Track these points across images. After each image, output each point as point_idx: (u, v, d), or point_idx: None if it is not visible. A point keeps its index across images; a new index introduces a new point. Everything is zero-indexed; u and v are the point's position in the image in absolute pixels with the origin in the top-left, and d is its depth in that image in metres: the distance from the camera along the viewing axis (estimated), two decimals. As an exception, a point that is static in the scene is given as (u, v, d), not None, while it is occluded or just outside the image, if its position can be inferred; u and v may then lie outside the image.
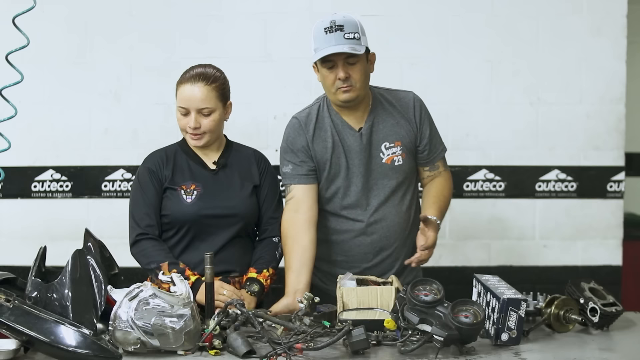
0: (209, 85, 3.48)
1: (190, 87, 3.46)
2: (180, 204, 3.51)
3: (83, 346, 2.62)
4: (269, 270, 3.51)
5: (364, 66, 3.45)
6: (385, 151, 3.58)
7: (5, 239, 4.97)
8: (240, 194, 3.58)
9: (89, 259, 2.87)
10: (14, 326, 2.62)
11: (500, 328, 2.87)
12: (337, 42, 3.36)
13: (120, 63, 5.06)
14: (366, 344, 2.75)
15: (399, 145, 3.58)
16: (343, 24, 3.38)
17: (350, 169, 3.58)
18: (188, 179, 3.55)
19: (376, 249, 3.61)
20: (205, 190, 3.53)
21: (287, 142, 3.63)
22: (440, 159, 3.72)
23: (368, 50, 3.48)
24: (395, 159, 3.58)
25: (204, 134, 3.50)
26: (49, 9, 4.91)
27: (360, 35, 3.40)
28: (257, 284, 3.44)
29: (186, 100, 3.47)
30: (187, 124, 3.48)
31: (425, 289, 2.84)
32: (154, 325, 2.71)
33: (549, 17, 5.04)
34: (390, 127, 3.59)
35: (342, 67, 3.39)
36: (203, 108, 3.47)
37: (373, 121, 3.57)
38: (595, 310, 3.07)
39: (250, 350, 2.73)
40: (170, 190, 3.54)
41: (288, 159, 3.61)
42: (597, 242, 5.14)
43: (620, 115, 5.07)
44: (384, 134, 3.58)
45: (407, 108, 3.62)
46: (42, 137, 5.09)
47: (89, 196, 5.11)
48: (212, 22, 5.04)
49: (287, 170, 3.60)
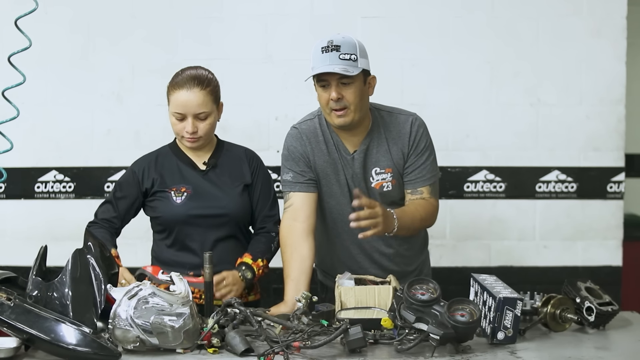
0: (204, 90, 3.49)
1: (187, 93, 3.46)
2: (170, 206, 3.55)
3: (83, 344, 2.63)
4: (263, 260, 3.54)
5: (359, 88, 3.39)
6: (375, 176, 3.57)
7: (9, 240, 5.00)
8: (230, 193, 3.60)
9: (89, 258, 2.88)
10: (14, 324, 2.63)
11: (497, 327, 2.88)
12: (331, 62, 3.31)
13: (122, 65, 5.09)
14: (363, 343, 2.76)
15: (390, 172, 3.56)
16: (340, 44, 3.32)
17: (342, 187, 3.59)
18: (178, 181, 3.59)
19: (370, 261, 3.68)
20: (195, 191, 3.57)
21: (288, 150, 3.62)
22: (426, 186, 3.59)
23: (368, 73, 3.44)
24: (384, 185, 3.57)
25: (200, 138, 3.53)
26: (52, 10, 4.96)
27: (357, 57, 3.33)
28: (251, 272, 3.47)
29: (182, 105, 3.47)
30: (184, 129, 3.50)
31: (422, 288, 2.85)
32: (153, 323, 2.72)
33: (549, 19, 5.06)
34: (384, 153, 3.56)
35: (335, 87, 3.35)
36: (200, 113, 3.49)
37: (368, 145, 3.55)
38: (592, 309, 3.08)
39: (248, 349, 2.74)
40: (161, 192, 3.58)
41: (289, 167, 3.60)
42: (597, 242, 5.16)
43: (620, 116, 5.09)
44: (376, 159, 3.56)
45: (404, 134, 3.56)
46: (45, 138, 5.13)
47: (92, 197, 5.14)
48: (213, 24, 5.07)
49: (288, 178, 3.60)
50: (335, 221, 3.66)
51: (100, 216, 3.66)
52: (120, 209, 3.63)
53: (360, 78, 3.38)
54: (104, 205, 3.69)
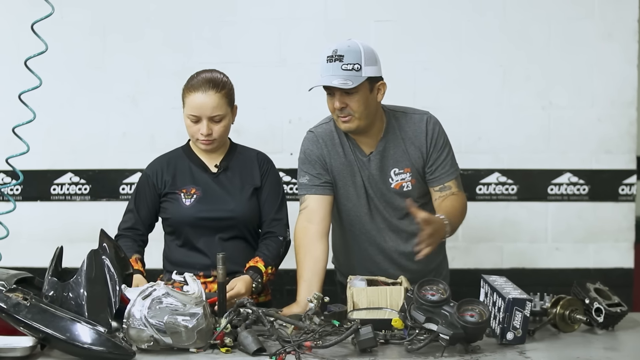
0: (220, 93, 3.53)
1: (202, 96, 3.50)
2: (179, 207, 3.60)
3: (98, 343, 2.67)
4: (272, 268, 3.57)
5: (364, 96, 3.42)
6: (394, 177, 3.61)
7: (25, 241, 5.02)
8: (239, 196, 3.64)
9: (104, 258, 2.91)
10: (30, 324, 2.68)
11: (506, 327, 2.91)
12: (332, 73, 3.36)
13: (138, 68, 5.13)
14: (373, 343, 2.79)
15: (409, 171, 3.60)
16: (344, 54, 3.36)
17: (358, 189, 3.63)
18: (189, 183, 3.63)
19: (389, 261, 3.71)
20: (205, 193, 3.61)
21: (304, 154, 3.67)
22: (452, 180, 3.65)
23: (376, 79, 3.47)
24: (404, 185, 3.61)
25: (214, 140, 3.57)
26: (69, 14, 5.00)
27: (361, 66, 3.36)
28: (261, 279, 3.50)
29: (198, 108, 3.51)
30: (199, 131, 3.53)
31: (432, 289, 2.89)
32: (167, 323, 2.76)
33: (560, 22, 5.07)
34: (401, 153, 3.60)
35: (338, 97, 3.41)
36: (215, 115, 3.53)
37: (384, 146, 3.59)
38: (600, 310, 3.11)
39: (260, 348, 2.78)
40: (171, 194, 3.63)
41: (305, 169, 3.65)
42: (609, 244, 5.17)
43: (632, 119, 5.09)
44: (394, 160, 3.60)
45: (420, 133, 3.60)
46: (61, 141, 5.18)
47: (107, 199, 5.19)
48: (227, 28, 5.11)
49: (304, 181, 3.64)
50: (352, 223, 3.70)
51: (123, 226, 3.69)
52: (142, 216, 3.68)
53: (365, 86, 3.41)
54: (125, 215, 3.72)
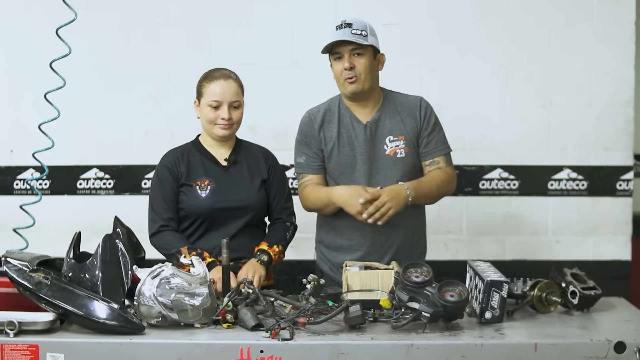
0: (237, 82, 3.82)
1: (225, 83, 3.77)
2: (195, 199, 3.79)
3: (111, 318, 2.90)
4: (278, 246, 3.78)
5: (370, 61, 3.75)
6: (389, 144, 3.84)
7: (53, 232, 5.15)
8: (250, 187, 3.85)
9: (118, 242, 3.17)
10: (51, 301, 2.91)
11: (484, 307, 3.11)
12: (344, 36, 3.70)
13: (159, 69, 5.37)
14: (362, 320, 2.99)
15: (402, 139, 3.83)
16: (352, 22, 3.73)
17: (355, 156, 3.84)
18: (202, 175, 3.82)
19: (377, 234, 3.83)
20: (218, 184, 3.81)
21: (301, 135, 3.94)
22: (441, 156, 3.87)
23: (377, 50, 3.80)
24: (397, 152, 3.83)
25: (233, 125, 3.81)
26: (93, 18, 5.23)
27: (367, 34, 3.71)
28: (267, 255, 3.71)
29: (220, 94, 3.76)
30: (220, 116, 3.76)
31: (416, 271, 3.10)
32: (174, 301, 2.98)
33: (560, 25, 5.22)
34: (396, 123, 3.84)
35: (348, 58, 3.73)
36: (235, 101, 3.78)
37: (380, 116, 3.84)
38: (575, 293, 3.30)
39: (259, 324, 2.99)
40: (186, 186, 3.81)
41: (302, 150, 3.92)
42: (607, 238, 5.29)
43: (629, 117, 5.22)
44: (389, 128, 3.84)
45: (414, 108, 3.86)
46: (87, 138, 5.42)
47: (130, 193, 5.45)
48: (243, 31, 5.32)
49: (301, 161, 3.91)
50: None
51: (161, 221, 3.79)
52: (172, 205, 3.82)
53: (370, 52, 3.76)
54: (155, 208, 3.82)
